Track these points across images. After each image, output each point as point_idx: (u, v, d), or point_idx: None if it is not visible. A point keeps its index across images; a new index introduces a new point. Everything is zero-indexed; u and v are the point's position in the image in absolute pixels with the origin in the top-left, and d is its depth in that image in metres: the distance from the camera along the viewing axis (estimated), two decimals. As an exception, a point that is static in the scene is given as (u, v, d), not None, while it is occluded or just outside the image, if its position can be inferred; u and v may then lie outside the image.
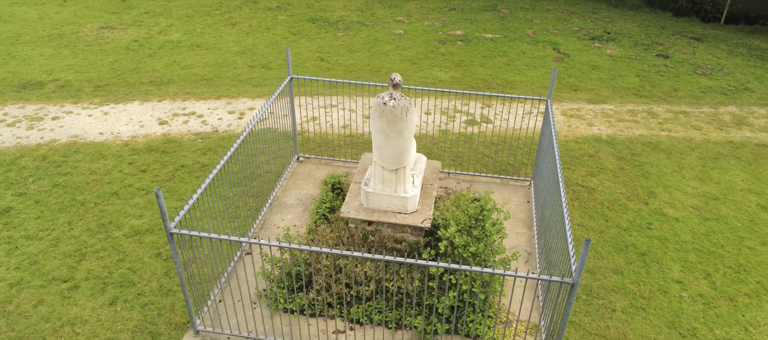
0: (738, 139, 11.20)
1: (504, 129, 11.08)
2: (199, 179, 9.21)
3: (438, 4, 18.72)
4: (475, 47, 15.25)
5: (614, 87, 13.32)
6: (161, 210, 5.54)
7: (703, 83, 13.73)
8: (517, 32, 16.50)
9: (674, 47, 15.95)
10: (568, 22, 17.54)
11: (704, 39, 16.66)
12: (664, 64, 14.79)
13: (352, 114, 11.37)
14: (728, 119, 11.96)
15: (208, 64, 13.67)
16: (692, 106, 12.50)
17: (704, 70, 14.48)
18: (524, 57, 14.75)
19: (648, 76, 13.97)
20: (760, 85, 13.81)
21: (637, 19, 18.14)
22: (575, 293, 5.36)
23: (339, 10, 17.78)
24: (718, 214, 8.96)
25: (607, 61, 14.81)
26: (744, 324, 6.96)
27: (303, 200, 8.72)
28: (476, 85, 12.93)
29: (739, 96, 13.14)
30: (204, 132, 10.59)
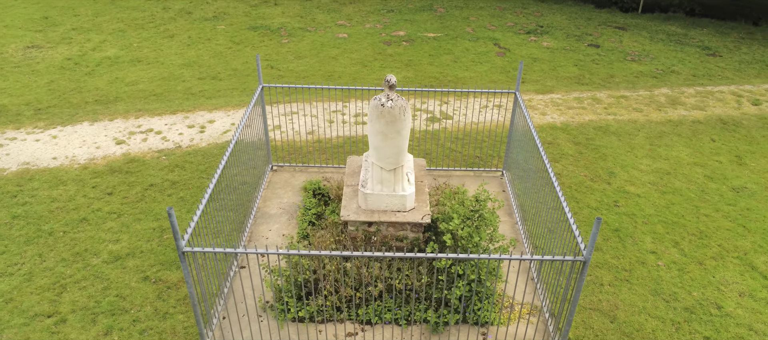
0: (675, 118, 12.14)
1: (465, 124, 11.43)
2: (172, 198, 8.89)
3: (376, 6, 18.93)
4: (420, 47, 15.58)
5: (557, 77, 14.04)
6: (173, 229, 5.36)
7: (634, 68, 14.75)
8: (456, 30, 16.99)
9: (602, 37, 17.00)
10: (502, 19, 18.27)
11: (627, 28, 17.87)
12: (597, 52, 15.74)
13: (315, 120, 11.33)
14: (663, 100, 12.93)
15: (154, 78, 13.15)
16: (629, 90, 13.40)
17: (633, 57, 15.55)
18: (468, 53, 15.23)
19: (585, 65, 14.83)
20: (683, 67, 15.00)
21: (565, 13, 19.17)
22: (587, 269, 5.69)
23: (278, 17, 17.60)
24: (673, 187, 9.70)
25: (545, 53, 15.57)
26: (716, 284, 7.59)
27: (286, 208, 8.63)
28: (428, 83, 13.23)
29: (667, 78, 14.22)
30: (167, 149, 10.21)
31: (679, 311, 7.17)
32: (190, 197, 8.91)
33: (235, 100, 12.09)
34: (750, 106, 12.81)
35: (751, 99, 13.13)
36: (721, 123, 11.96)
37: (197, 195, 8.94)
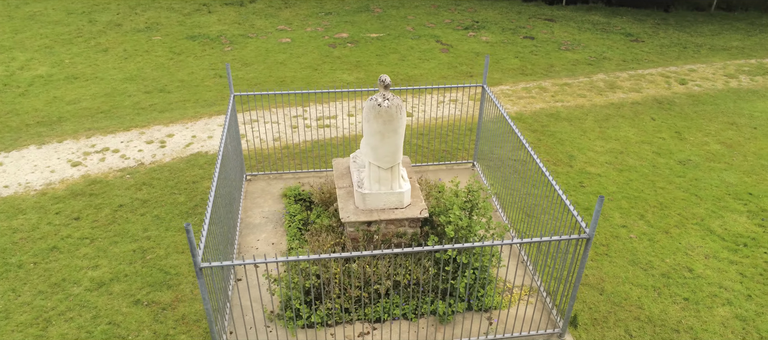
0: (616, 101, 12.98)
1: (425, 120, 11.67)
2: (146, 217, 8.53)
3: (313, 10, 18.86)
4: (366, 47, 15.70)
5: (501, 69, 14.60)
6: (191, 246, 5.20)
7: (570, 57, 15.60)
8: (397, 29, 17.26)
9: (535, 29, 17.83)
10: (439, 16, 18.73)
11: (556, 19, 18.84)
12: (533, 44, 16.51)
13: (277, 126, 11.20)
14: (602, 85, 13.78)
15: (96, 95, 12.49)
16: (570, 77, 14.17)
17: (566, 46, 16.43)
18: (414, 51, 15.53)
19: (525, 56, 15.51)
20: (613, 53, 16.03)
21: (496, 8, 19.92)
22: (590, 245, 6.05)
23: (215, 25, 17.15)
24: (628, 165, 10.39)
25: (486, 47, 16.14)
26: (683, 250, 8.25)
27: (269, 217, 8.51)
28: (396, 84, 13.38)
29: (601, 64, 15.16)
30: (129, 167, 9.76)
31: (657, 277, 7.73)
32: (165, 214, 8.58)
33: (190, 111, 11.72)
34: (678, 85, 13.90)
35: (678, 79, 14.25)
36: (656, 103, 12.91)
37: (172, 212, 8.63)
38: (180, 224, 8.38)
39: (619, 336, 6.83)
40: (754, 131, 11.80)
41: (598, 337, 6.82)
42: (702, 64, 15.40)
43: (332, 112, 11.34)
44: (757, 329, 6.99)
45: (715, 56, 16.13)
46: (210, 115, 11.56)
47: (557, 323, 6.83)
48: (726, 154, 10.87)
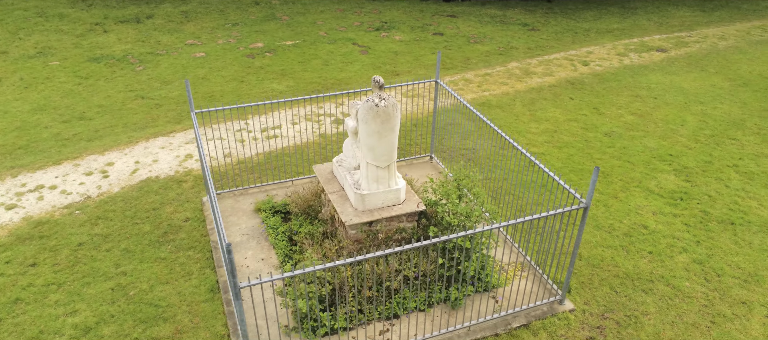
0: (535, 85, 14.00)
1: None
2: (113, 252, 7.92)
3: (217, 22, 18.26)
4: (285, 55, 15.54)
5: (423, 66, 15.14)
6: (232, 267, 5.02)
7: (481, 49, 16.51)
8: (310, 35, 17.22)
9: (441, 25, 18.63)
10: (347, 19, 18.94)
11: (457, 15, 19.80)
12: (444, 40, 17.25)
13: (224, 141, 10.82)
14: (519, 72, 14.78)
15: (5, 130, 11.26)
16: (488, 68, 15.03)
17: (475, 39, 17.36)
18: (334, 55, 15.62)
19: (441, 52, 16.17)
20: (518, 42, 17.20)
21: (398, 8, 20.51)
22: (587, 214, 6.61)
23: (116, 45, 16.06)
24: (564, 141, 11.29)
25: (401, 46, 16.62)
26: (634, 211, 9.17)
27: (249, 233, 8.26)
28: (314, 88, 13.36)
29: (511, 53, 16.22)
30: (75, 203, 8.97)
31: (621, 237, 8.55)
32: (134, 246, 8.02)
33: (123, 137, 10.96)
34: (582, 67, 15.26)
35: (580, 61, 15.64)
36: (569, 84, 14.10)
37: (141, 243, 8.09)
38: (154, 254, 7.89)
39: (606, 294, 7.49)
40: (655, 101, 13.30)
41: (590, 297, 7.43)
42: (595, 46, 17.01)
43: (276, 123, 11.15)
44: (712, 268, 7.98)
45: (602, 38, 17.87)
46: (146, 138, 10.89)
47: (556, 292, 7.35)
48: (640, 123, 12.16)
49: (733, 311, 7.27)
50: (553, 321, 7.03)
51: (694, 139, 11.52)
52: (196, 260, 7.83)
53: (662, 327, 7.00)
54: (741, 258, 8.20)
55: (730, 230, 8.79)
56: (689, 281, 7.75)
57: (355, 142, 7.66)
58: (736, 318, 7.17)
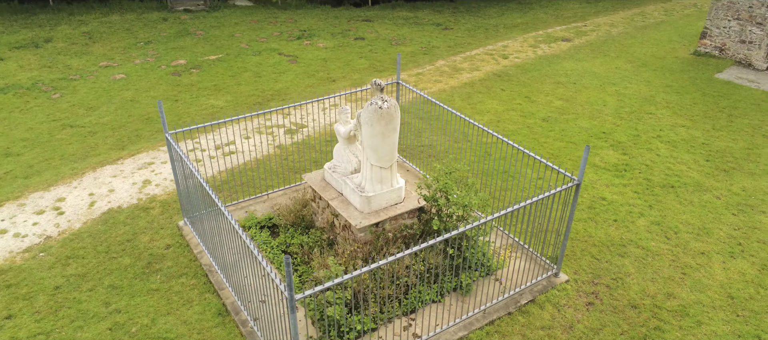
0: (466, 80, 14.70)
1: (321, 127, 11.88)
2: (97, 291, 7.39)
3: (126, 41, 17.25)
4: (213, 70, 15.07)
5: (357, 70, 15.35)
6: (289, 281, 4.99)
7: (406, 50, 17.01)
8: (232, 49, 16.81)
9: (359, 30, 18.92)
10: (264, 30, 18.67)
11: (372, 19, 20.19)
12: (367, 44, 17.56)
13: (198, 163, 10.36)
14: (448, 69, 15.43)
15: None
16: (418, 67, 15.55)
17: (396, 41, 17.84)
18: (264, 67, 15.38)
19: (369, 55, 16.48)
20: (437, 42, 17.91)
21: (312, 16, 20.52)
22: (579, 191, 7.20)
23: (20, 73, 14.69)
24: (510, 130, 12.02)
25: (328, 52, 16.70)
26: (590, 185, 10.01)
27: (241, 252, 8.03)
28: (256, 101, 13.12)
29: (435, 52, 16.87)
30: (34, 245, 8.21)
31: (586, 210, 9.33)
32: (120, 282, 7.53)
33: (65, 169, 10.15)
34: (503, 60, 16.24)
35: (500, 55, 16.63)
36: (497, 76, 14.97)
37: (127, 277, 7.61)
38: (144, 286, 7.46)
39: (589, 262, 8.17)
40: (575, 86, 14.50)
41: (577, 267, 8.07)
42: (508, 40, 18.14)
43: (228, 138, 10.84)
44: (669, 227, 8.96)
45: (511, 33, 19.08)
46: (92, 168, 10.16)
47: (550, 266, 7.91)
48: (569, 107, 13.23)
49: (696, 262, 8.23)
50: (554, 293, 7.57)
51: (618, 117, 12.73)
52: (192, 286, 7.52)
53: (645, 284, 7.77)
54: (688, 215, 9.27)
55: (672, 193, 9.88)
56: (654, 242, 8.64)
57: (347, 146, 7.74)
58: (700, 267, 8.12)
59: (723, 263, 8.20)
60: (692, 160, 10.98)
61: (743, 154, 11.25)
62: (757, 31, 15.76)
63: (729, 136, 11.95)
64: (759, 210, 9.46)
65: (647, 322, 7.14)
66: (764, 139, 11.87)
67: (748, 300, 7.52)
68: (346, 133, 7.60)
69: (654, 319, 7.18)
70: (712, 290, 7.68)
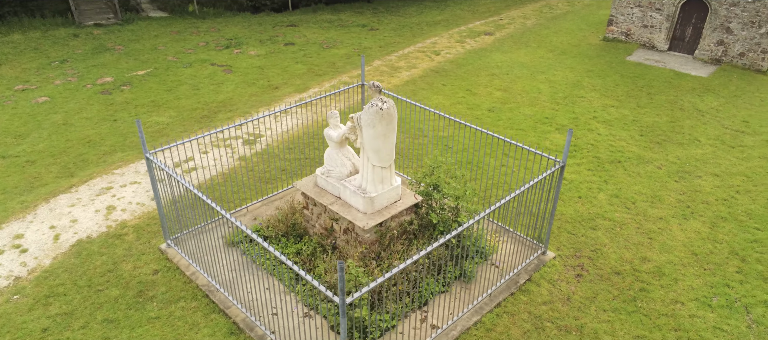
0: (407, 78, 15.06)
1: (279, 135, 11.75)
2: (91, 330, 6.94)
3: (38, 62, 15.96)
4: (146, 86, 14.36)
5: (297, 75, 15.24)
6: (342, 284, 5.04)
7: (339, 53, 17.10)
8: (160, 62, 16.08)
9: (287, 36, 18.75)
10: (188, 41, 17.99)
11: (296, 24, 20.05)
12: (299, 48, 17.45)
13: (138, 185, 9.87)
14: (386, 69, 15.72)
15: None
16: (357, 69, 15.71)
17: (327, 45, 17.87)
18: (200, 78, 14.88)
19: (304, 60, 16.40)
20: (368, 42, 18.15)
21: (235, 24, 20.03)
22: (563, 172, 7.74)
23: None
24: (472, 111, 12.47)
25: (261, 60, 16.43)
26: (549, 167, 10.69)
27: (237, 268, 7.86)
28: (199, 114, 12.69)
29: (369, 53, 17.10)
30: (4, 287, 7.52)
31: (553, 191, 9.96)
32: (115, 314, 7.11)
33: (13, 203, 9.33)
34: (436, 56, 16.79)
35: (432, 52, 17.17)
36: (434, 72, 15.47)
37: (121, 307, 7.20)
38: (142, 316, 7.10)
39: (568, 238, 8.78)
40: (508, 76, 15.31)
41: (558, 244, 8.64)
42: (435, 36, 18.74)
43: (186, 155, 10.44)
44: (626, 199, 9.79)
45: (435, 30, 19.72)
46: (45, 199, 9.43)
47: (537, 246, 8.41)
48: (508, 96, 13.97)
49: (657, 227, 9.08)
50: (546, 270, 8.07)
51: (554, 103, 13.63)
52: (194, 309, 7.26)
53: (620, 252, 8.48)
54: (640, 186, 10.18)
55: (620, 167, 10.79)
56: (617, 213, 9.42)
57: (339, 151, 7.78)
58: (662, 231, 8.97)
59: (679, 225, 9.12)
60: (629, 136, 12.02)
61: (669, 127, 12.48)
62: (657, 16, 17.42)
63: (653, 112, 13.18)
64: (695, 175, 10.58)
65: (632, 285, 7.82)
66: (682, 113, 13.22)
67: (709, 255, 8.43)
68: (338, 137, 7.65)
69: (637, 282, 7.88)
70: (677, 250, 8.53)
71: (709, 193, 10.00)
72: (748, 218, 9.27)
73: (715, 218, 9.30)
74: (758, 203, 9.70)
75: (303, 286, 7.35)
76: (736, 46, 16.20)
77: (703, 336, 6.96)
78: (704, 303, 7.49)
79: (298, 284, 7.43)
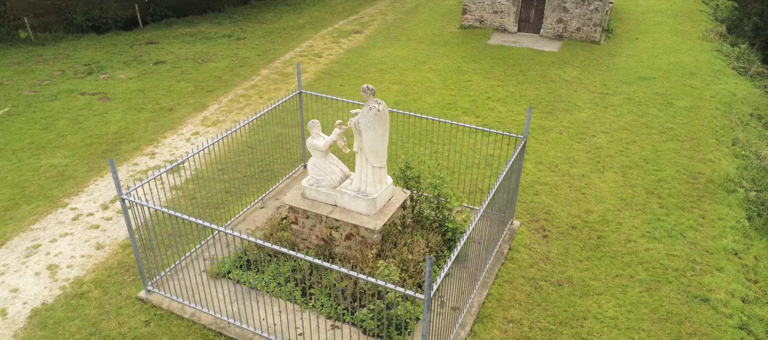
0: (303, 83, 15.03)
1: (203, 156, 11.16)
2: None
3: None
4: (13, 127, 12.50)
5: (186, 94, 14.36)
6: (428, 279, 5.27)
7: (218, 66, 16.41)
8: (15, 98, 14.03)
9: (151, 54, 17.45)
10: (38, 73, 15.88)
11: (156, 41, 18.71)
12: (173, 66, 16.38)
13: (71, 236, 8.78)
14: (277, 76, 15.50)
15: None
16: (246, 80, 15.26)
17: (202, 59, 17.01)
18: (77, 111, 13.33)
19: (187, 78, 15.48)
20: (245, 52, 17.62)
21: (87, 48, 18.06)
22: (525, 146, 8.62)
23: None
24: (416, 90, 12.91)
25: (139, 83, 15.15)
26: (474, 145, 11.63)
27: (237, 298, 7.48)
28: (103, 150, 11.49)
29: (249, 62, 16.65)
30: (-33, 382, 6.32)
31: (487, 168, 10.90)
32: (125, 376, 6.42)
33: None
34: (319, 58, 16.92)
35: (314, 54, 17.25)
36: (327, 75, 15.64)
37: (129, 368, 6.51)
38: (160, 369, 6.50)
39: (520, 206, 9.73)
40: (396, 70, 16.04)
41: (515, 213, 9.56)
42: (308, 40, 18.81)
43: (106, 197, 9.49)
44: (549, 163, 11.07)
45: (304, 33, 19.76)
46: None
47: (506, 219, 9.21)
48: (407, 89, 14.70)
49: (583, 183, 10.46)
50: (519, 237, 8.93)
51: (449, 89, 14.68)
52: None
53: (567, 209, 9.65)
54: (554, 151, 11.55)
55: (530, 138, 12.11)
56: (548, 177, 10.64)
57: (326, 159, 7.78)
58: (589, 186, 10.36)
59: (599, 178, 10.60)
60: (524, 110, 13.46)
61: (550, 97, 14.20)
62: (505, 2, 19.45)
63: (533, 87, 14.86)
64: (590, 135, 12.27)
65: (590, 235, 8.99)
66: (554, 84, 15.09)
67: (632, 198, 9.97)
68: (325, 146, 7.65)
69: (592, 232, 9.08)
70: (608, 200, 9.94)
71: (607, 148, 11.70)
72: (646, 163, 11.08)
73: (621, 167, 10.96)
74: (646, 150, 11.60)
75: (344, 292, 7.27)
76: (573, 23, 18.78)
77: (663, 263, 8.31)
78: (650, 237, 8.91)
79: (316, 300, 7.33)
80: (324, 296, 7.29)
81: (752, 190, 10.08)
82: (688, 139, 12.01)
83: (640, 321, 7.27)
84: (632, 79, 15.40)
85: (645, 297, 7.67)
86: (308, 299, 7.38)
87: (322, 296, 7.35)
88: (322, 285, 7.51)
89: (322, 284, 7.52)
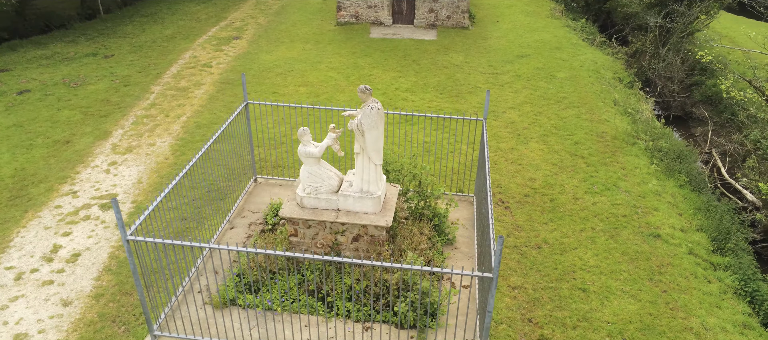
0: (205, 96, 14.31)
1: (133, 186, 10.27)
2: None
3: None
4: None
5: (78, 123, 12.92)
6: (496, 261, 5.69)
7: (99, 88, 14.91)
8: None
9: (7, 84, 15.29)
10: None
11: (7, 68, 16.36)
12: (44, 94, 14.54)
13: (55, 285, 7.67)
14: (174, 92, 14.54)
15: None
16: (141, 100, 14.11)
17: (76, 83, 15.30)
18: None
19: (68, 106, 13.87)
20: (122, 70, 16.16)
21: None
22: (486, 124, 9.32)
23: None
24: (302, 118, 12.85)
25: (10, 118, 13.24)
26: (415, 133, 12.12)
27: (253, 321, 7.22)
28: (43, 176, 10.00)
29: (135, 80, 15.36)
30: None
31: (427, 154, 11.47)
32: None
33: None
34: (210, 69, 16.15)
35: (203, 65, 16.40)
36: (227, 85, 15.03)
37: None
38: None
39: (473, 184, 10.47)
40: (295, 72, 15.92)
41: (470, 190, 10.27)
42: (188, 51, 17.79)
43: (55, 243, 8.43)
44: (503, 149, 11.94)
45: (179, 44, 18.61)
46: None
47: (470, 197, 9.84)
48: (315, 89, 14.71)
49: (517, 154, 11.50)
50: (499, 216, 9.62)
51: (356, 85, 14.97)
52: None
53: (514, 179, 10.58)
54: (477, 131, 12.47)
55: (452, 121, 12.92)
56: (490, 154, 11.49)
57: (319, 166, 7.73)
58: (523, 156, 11.43)
59: (526, 148, 11.73)
60: (433, 97, 14.27)
61: (451, 82, 15.17)
62: (377, -4, 20.17)
63: (430, 75, 15.73)
64: (501, 112, 13.43)
65: (543, 198, 10.00)
66: (447, 69, 16.11)
67: (561, 162, 11.22)
68: (320, 151, 7.60)
69: (543, 197, 10.10)
70: (542, 167, 11.08)
71: (520, 122, 12.92)
72: (558, 131, 12.47)
73: (540, 136, 12.22)
74: (553, 119, 13.03)
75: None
76: (444, 11, 20.09)
77: (612, 212, 9.57)
78: (592, 193, 10.16)
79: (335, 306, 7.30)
80: (342, 301, 7.31)
81: (649, 140, 11.90)
82: (580, 104, 13.70)
83: (618, 264, 8.37)
84: (511, 58, 16.99)
85: (612, 243, 8.81)
86: (327, 308, 7.33)
87: (340, 301, 7.35)
88: (338, 291, 7.49)
89: (336, 290, 7.50)
